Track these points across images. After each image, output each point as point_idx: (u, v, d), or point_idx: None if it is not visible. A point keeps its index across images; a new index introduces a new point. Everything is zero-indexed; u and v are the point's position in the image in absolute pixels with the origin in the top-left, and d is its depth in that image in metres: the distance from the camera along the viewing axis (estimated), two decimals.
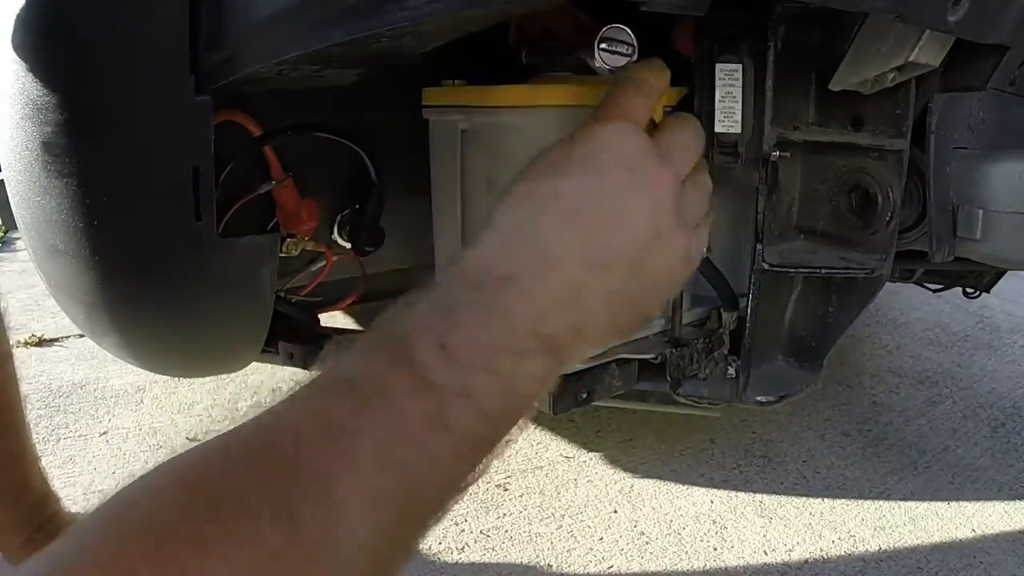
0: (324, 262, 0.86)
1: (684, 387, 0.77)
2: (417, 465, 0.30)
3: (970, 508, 1.05)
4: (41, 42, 0.67)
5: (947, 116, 0.64)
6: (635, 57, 0.49)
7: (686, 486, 1.09)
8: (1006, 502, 1.06)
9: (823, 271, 0.68)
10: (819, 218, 0.70)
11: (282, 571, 0.26)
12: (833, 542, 0.98)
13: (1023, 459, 1.17)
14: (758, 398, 0.74)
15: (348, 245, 0.85)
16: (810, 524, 1.01)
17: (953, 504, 1.05)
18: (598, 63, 0.48)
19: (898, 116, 0.64)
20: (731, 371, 0.75)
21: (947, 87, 0.62)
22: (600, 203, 0.37)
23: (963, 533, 1.00)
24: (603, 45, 0.48)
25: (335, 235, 0.85)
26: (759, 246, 0.68)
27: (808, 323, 0.75)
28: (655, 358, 0.74)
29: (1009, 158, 0.65)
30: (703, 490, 1.08)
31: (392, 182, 0.86)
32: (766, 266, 0.68)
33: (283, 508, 0.26)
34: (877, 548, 0.97)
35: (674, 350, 0.73)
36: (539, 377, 0.35)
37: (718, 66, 0.62)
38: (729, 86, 0.62)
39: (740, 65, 0.61)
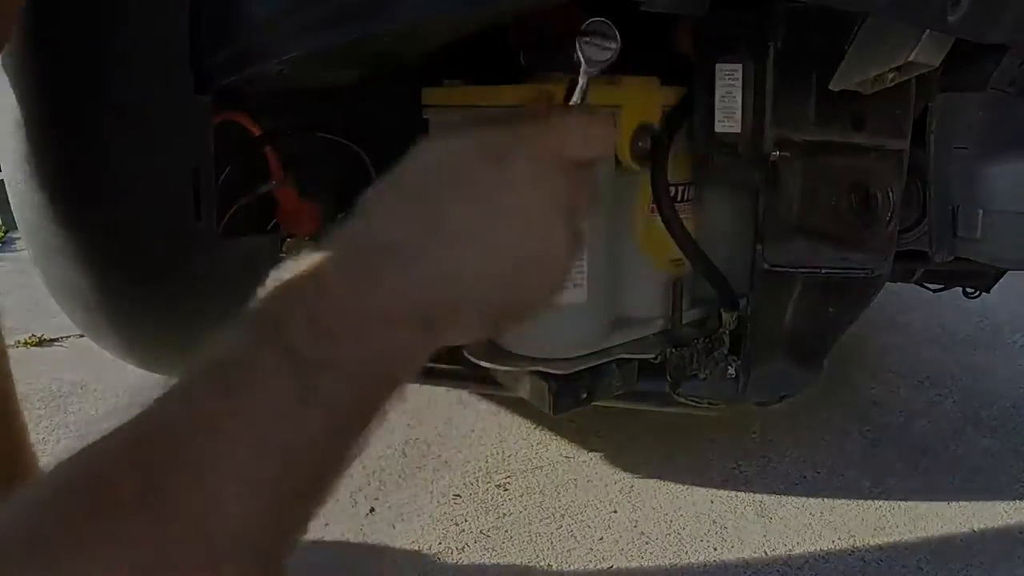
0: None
1: (684, 387, 0.77)
2: (290, 442, 0.30)
3: (970, 508, 1.05)
4: (40, 42, 0.67)
5: (947, 116, 0.65)
6: (615, 56, 0.48)
7: (686, 486, 1.09)
8: (1006, 502, 1.06)
9: (823, 271, 0.68)
10: (819, 218, 0.70)
11: (154, 562, 0.26)
12: (833, 542, 0.98)
13: (1023, 459, 1.17)
14: (758, 398, 0.74)
15: None
16: (810, 524, 1.01)
17: (953, 504, 1.06)
18: (579, 55, 0.48)
19: (898, 116, 0.64)
20: (731, 371, 0.75)
21: (947, 87, 0.62)
22: (491, 194, 0.37)
23: (963, 533, 1.00)
24: (586, 38, 0.48)
25: None
26: (759, 246, 0.68)
27: (808, 323, 0.75)
28: (655, 358, 0.74)
29: (1009, 158, 0.65)
30: (703, 490, 1.08)
31: None
32: (766, 266, 0.68)
33: (154, 500, 0.26)
34: (877, 548, 0.97)
35: (674, 350, 0.73)
36: (410, 348, 0.34)
37: (718, 66, 0.62)
38: (729, 86, 0.62)
39: (740, 65, 0.61)
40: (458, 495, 1.07)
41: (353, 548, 0.96)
